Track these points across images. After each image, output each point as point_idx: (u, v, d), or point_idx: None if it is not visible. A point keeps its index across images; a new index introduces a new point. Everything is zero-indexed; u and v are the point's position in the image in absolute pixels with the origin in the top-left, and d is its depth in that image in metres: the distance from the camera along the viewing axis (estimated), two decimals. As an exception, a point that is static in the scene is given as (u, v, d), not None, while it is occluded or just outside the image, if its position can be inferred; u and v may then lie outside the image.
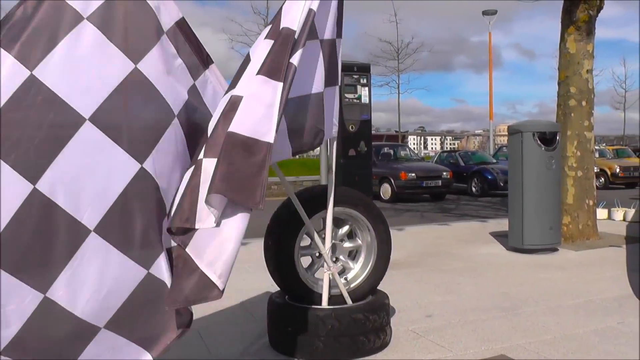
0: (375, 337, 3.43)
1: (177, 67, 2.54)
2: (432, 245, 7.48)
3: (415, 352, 3.49)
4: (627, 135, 48.15)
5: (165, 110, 2.43)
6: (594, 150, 8.29)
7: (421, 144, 61.23)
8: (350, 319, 3.32)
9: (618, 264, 6.21)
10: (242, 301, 4.56)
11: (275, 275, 3.56)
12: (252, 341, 3.70)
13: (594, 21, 7.73)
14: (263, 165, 2.41)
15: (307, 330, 3.28)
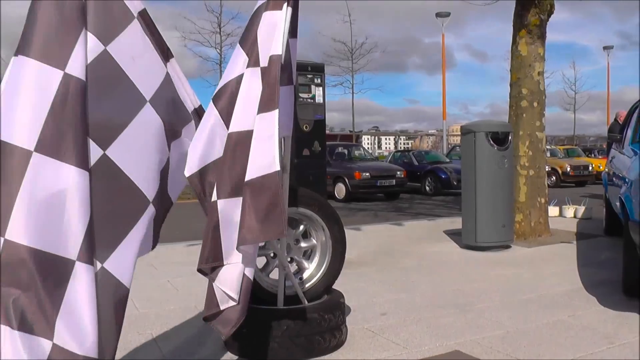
0: (331, 337, 3.44)
1: (149, 52, 2.51)
2: (386, 244, 7.53)
3: (371, 350, 3.52)
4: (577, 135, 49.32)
5: (135, 96, 2.40)
6: (545, 149, 8.46)
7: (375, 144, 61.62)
8: (306, 319, 3.33)
9: (569, 259, 6.36)
10: (196, 303, 4.51)
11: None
12: (207, 344, 3.68)
13: (545, 25, 7.91)
14: (278, 195, 2.55)
15: (262, 331, 3.27)
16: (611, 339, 3.69)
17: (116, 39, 2.35)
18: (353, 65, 32.15)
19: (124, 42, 2.37)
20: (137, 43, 2.44)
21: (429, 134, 69.80)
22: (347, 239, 3.83)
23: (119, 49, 2.35)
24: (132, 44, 2.42)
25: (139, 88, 2.41)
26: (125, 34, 2.39)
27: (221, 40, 27.12)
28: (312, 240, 3.74)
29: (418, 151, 22.55)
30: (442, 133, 33.86)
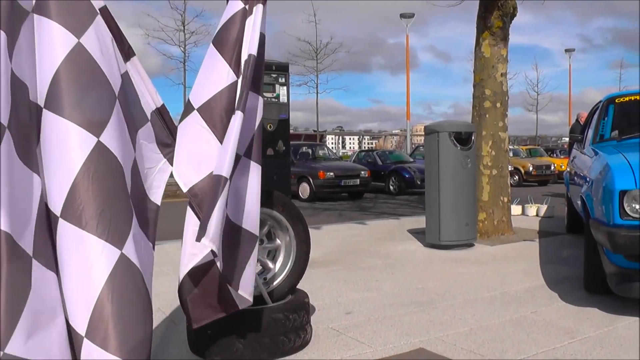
0: (296, 337, 3.43)
1: (111, 48, 2.47)
2: (350, 243, 7.55)
3: (336, 349, 3.52)
4: (540, 135, 50.10)
5: (109, 90, 2.36)
6: (508, 149, 8.56)
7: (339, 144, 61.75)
8: (270, 319, 3.32)
9: (531, 257, 6.45)
10: (160, 305, 4.47)
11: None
12: (172, 346, 3.64)
13: (508, 27, 8.01)
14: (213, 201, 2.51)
15: (227, 333, 3.25)
16: (572, 334, 3.76)
17: (86, 32, 2.31)
18: (318, 65, 32.23)
19: (93, 36, 2.34)
20: (102, 39, 2.41)
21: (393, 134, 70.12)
22: (311, 239, 3.82)
23: (90, 42, 2.31)
24: (99, 39, 2.38)
25: (111, 83, 2.37)
26: (93, 29, 2.35)
27: (185, 39, 26.92)
28: (277, 240, 3.72)
29: (382, 151, 22.64)
30: (406, 133, 34.03)
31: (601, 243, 4.22)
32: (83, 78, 2.25)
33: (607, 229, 4.02)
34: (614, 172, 4.13)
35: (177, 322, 4.02)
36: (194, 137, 2.80)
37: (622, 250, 3.97)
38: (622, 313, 4.18)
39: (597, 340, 3.65)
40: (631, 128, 6.14)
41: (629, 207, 3.93)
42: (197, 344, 3.40)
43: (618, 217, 3.95)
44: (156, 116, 2.72)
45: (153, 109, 2.71)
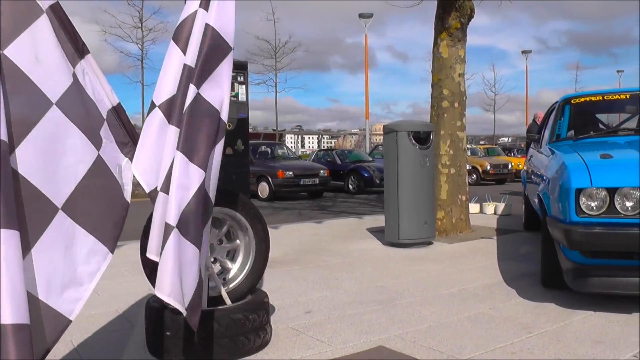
0: (256, 337, 3.40)
1: (56, 51, 2.38)
2: (310, 242, 7.53)
3: (296, 348, 3.50)
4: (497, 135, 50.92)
5: (39, 100, 2.27)
6: (466, 148, 8.65)
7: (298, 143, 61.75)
8: (230, 320, 3.28)
9: (489, 254, 6.52)
10: (118, 307, 4.39)
11: (152, 278, 3.44)
12: (130, 348, 3.57)
13: (466, 28, 8.10)
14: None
15: (186, 334, 3.20)
16: (530, 329, 3.80)
17: (16, 40, 2.22)
18: (276, 63, 32.15)
19: (26, 42, 2.24)
20: (43, 41, 2.31)
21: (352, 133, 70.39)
22: (270, 238, 3.80)
23: (19, 51, 2.22)
24: (37, 42, 2.28)
25: (43, 90, 2.28)
26: (29, 33, 2.26)
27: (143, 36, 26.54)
28: (236, 240, 3.69)
29: (341, 150, 22.68)
30: (365, 132, 34.22)
31: (558, 240, 4.29)
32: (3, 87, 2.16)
33: (564, 226, 4.09)
34: (570, 171, 4.19)
35: (135, 323, 3.95)
36: (155, 135, 2.78)
37: (578, 247, 4.04)
38: (578, 308, 4.26)
39: (554, 334, 3.70)
40: (586, 128, 6.28)
41: (584, 205, 4.00)
42: (155, 346, 3.35)
43: (574, 215, 4.02)
44: (112, 115, 2.66)
45: (109, 107, 2.65)
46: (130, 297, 4.66)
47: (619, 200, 3.95)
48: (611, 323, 3.91)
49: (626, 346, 3.48)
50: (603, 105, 6.81)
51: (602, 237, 3.93)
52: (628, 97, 6.48)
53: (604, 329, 3.80)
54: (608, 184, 3.96)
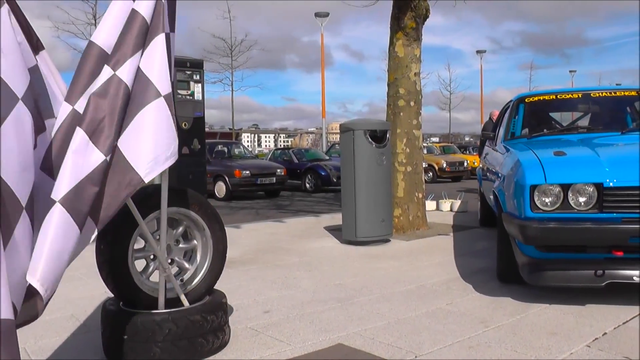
0: (214, 338, 3.37)
1: (17, 45, 2.30)
2: (267, 241, 7.50)
3: (255, 349, 3.47)
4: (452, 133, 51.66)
5: (7, 94, 2.19)
6: (422, 147, 8.72)
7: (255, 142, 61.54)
8: (188, 321, 3.24)
9: (446, 250, 6.59)
10: (74, 311, 4.30)
11: (108, 281, 3.37)
12: (86, 353, 3.49)
13: (421, 28, 8.17)
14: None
15: (143, 337, 3.14)
16: (487, 323, 3.86)
17: None
18: (233, 62, 31.96)
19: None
20: (5, 34, 2.24)
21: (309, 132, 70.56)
22: (228, 238, 3.76)
23: None
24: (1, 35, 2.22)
25: (10, 86, 2.21)
26: None
27: (97, 33, 26.07)
28: (193, 240, 3.64)
29: (298, 149, 22.69)
30: (322, 131, 34.30)
31: (513, 235, 4.36)
32: None
33: (519, 222, 4.16)
34: (524, 168, 4.26)
35: (91, 328, 3.87)
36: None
37: (533, 242, 4.12)
38: (534, 301, 4.33)
39: (510, 327, 3.76)
40: (540, 126, 6.41)
41: (539, 201, 4.08)
42: (112, 351, 3.28)
43: (529, 210, 4.08)
44: None
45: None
46: (86, 301, 4.57)
47: (572, 196, 4.03)
48: (566, 315, 4.00)
49: (580, 336, 3.57)
50: (556, 104, 6.96)
51: (556, 232, 4.01)
52: (580, 96, 6.64)
53: (558, 321, 3.88)
54: (562, 181, 4.04)
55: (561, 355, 3.27)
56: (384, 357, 3.29)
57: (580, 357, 3.25)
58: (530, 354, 3.30)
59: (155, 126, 2.75)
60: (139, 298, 3.32)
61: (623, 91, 6.53)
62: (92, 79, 2.64)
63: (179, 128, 5.11)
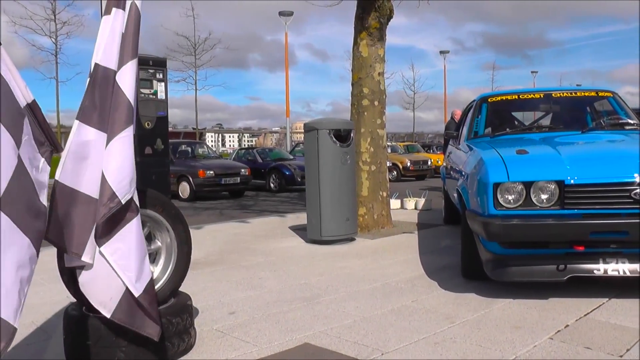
0: (180, 341, 3.33)
1: None
2: (232, 242, 7.46)
3: (221, 351, 3.45)
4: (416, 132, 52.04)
5: None
6: (386, 146, 8.75)
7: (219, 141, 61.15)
8: (152, 324, 3.19)
9: (410, 248, 6.63)
10: (34, 318, 4.19)
11: (70, 285, 3.29)
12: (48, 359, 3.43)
13: (385, 28, 8.22)
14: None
15: (107, 342, 3.09)
16: (452, 319, 3.90)
17: None
18: (196, 60, 31.73)
19: None
20: None
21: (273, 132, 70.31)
22: (192, 239, 3.72)
23: None
24: None
25: None
26: None
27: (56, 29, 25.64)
28: (157, 242, 3.59)
29: (262, 149, 22.64)
30: (286, 130, 34.25)
31: (477, 232, 4.41)
32: None
33: (483, 219, 4.21)
34: (488, 167, 4.31)
35: (53, 335, 3.79)
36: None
37: (496, 238, 4.17)
38: (498, 296, 4.39)
39: (475, 323, 3.81)
40: (503, 125, 6.49)
41: (502, 198, 4.13)
42: (75, 356, 3.22)
43: (492, 208, 4.14)
44: (27, 112, 2.54)
45: (24, 104, 2.52)
46: (47, 307, 4.46)
47: (534, 193, 4.11)
48: (529, 309, 4.07)
49: (543, 329, 3.64)
50: (518, 103, 7.07)
51: (519, 229, 4.07)
52: (542, 96, 6.75)
53: (522, 315, 3.94)
54: (524, 178, 4.11)
55: (525, 349, 3.32)
56: (351, 356, 3.29)
57: (544, 349, 3.31)
58: (495, 348, 3.35)
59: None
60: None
61: (583, 92, 6.68)
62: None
63: (142, 128, 5.07)
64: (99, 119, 2.86)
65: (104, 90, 2.87)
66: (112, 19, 2.91)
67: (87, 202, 2.81)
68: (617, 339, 3.45)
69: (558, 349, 3.30)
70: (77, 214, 2.80)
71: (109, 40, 2.89)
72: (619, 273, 4.09)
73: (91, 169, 2.83)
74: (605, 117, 6.18)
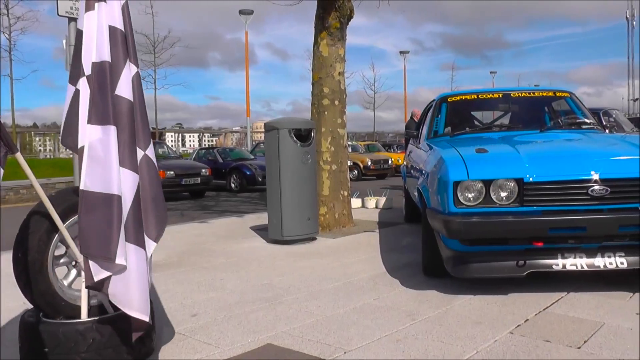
0: (141, 345, 3.27)
1: None
2: (193, 243, 7.40)
3: (183, 353, 3.41)
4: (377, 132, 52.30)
5: None
6: (347, 145, 8.78)
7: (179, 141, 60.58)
8: (113, 329, 3.13)
9: (372, 247, 6.66)
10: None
11: (27, 291, 3.20)
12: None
13: (345, 28, 8.25)
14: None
15: (66, 348, 3.02)
16: (413, 316, 3.93)
17: None
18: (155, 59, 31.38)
19: None
20: None
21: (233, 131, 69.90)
22: (153, 241, 3.67)
23: None
24: None
25: None
26: None
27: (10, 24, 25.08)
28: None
29: (222, 148, 22.49)
30: (246, 130, 34.12)
31: (438, 230, 4.44)
32: None
33: (443, 217, 4.24)
34: (448, 165, 4.35)
35: (8, 342, 3.67)
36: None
37: (457, 236, 4.21)
38: (459, 293, 4.46)
39: (437, 319, 3.85)
40: (462, 124, 6.56)
41: (462, 196, 4.18)
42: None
43: (453, 206, 4.18)
44: None
45: None
46: (2, 314, 4.36)
47: (494, 191, 4.17)
48: (490, 304, 4.13)
49: (503, 324, 3.70)
50: (478, 103, 7.16)
51: (479, 226, 4.12)
52: (501, 96, 6.85)
53: (483, 311, 4.00)
54: (484, 177, 4.16)
55: (486, 343, 3.37)
56: (314, 355, 3.29)
57: (504, 343, 3.36)
58: (456, 343, 3.38)
59: None
60: (61, 308, 3.19)
61: (541, 92, 6.80)
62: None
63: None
64: (102, 114, 2.80)
65: (102, 83, 2.81)
66: (96, 14, 2.86)
67: (109, 202, 2.78)
68: (575, 331, 3.53)
69: (518, 343, 3.36)
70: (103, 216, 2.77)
71: (99, 36, 2.83)
72: (577, 267, 4.17)
73: (105, 166, 2.78)
74: (562, 117, 6.30)
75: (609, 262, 4.17)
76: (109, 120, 2.79)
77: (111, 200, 2.74)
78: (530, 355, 3.19)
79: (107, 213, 2.75)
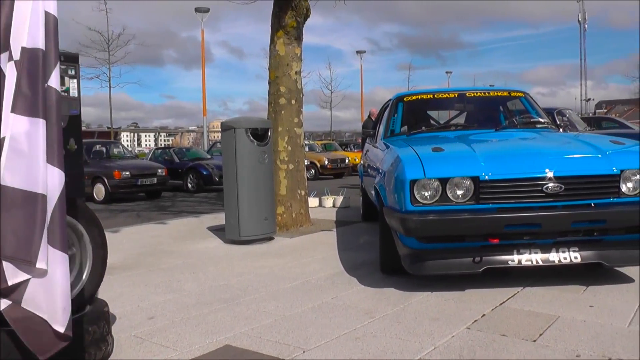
0: (96, 350, 3.22)
1: None
2: (149, 244, 7.32)
3: (140, 357, 3.37)
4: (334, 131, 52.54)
5: None
6: (304, 144, 8.80)
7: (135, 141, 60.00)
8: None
9: (330, 246, 6.68)
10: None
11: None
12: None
13: (302, 27, 8.25)
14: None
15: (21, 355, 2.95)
16: (372, 314, 3.96)
17: None
18: (110, 57, 30.85)
19: None
20: None
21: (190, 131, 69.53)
22: (108, 243, 3.62)
23: None
24: None
25: None
26: None
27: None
28: (72, 247, 3.48)
29: (179, 148, 22.34)
30: (203, 129, 33.89)
31: (395, 228, 4.47)
32: None
33: (400, 215, 4.28)
34: (404, 164, 4.39)
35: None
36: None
37: (414, 233, 4.24)
38: (416, 290, 4.50)
39: (395, 316, 3.89)
40: (419, 124, 6.63)
41: (418, 195, 4.22)
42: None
43: (409, 204, 4.21)
44: None
45: None
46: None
47: (450, 189, 4.21)
48: (447, 301, 4.18)
49: (461, 320, 3.76)
50: (434, 103, 7.24)
51: (436, 224, 4.16)
52: (456, 95, 6.94)
53: (440, 307, 4.05)
54: (440, 175, 4.20)
55: (443, 339, 3.41)
56: (272, 355, 3.29)
57: (461, 338, 3.41)
58: (414, 340, 3.42)
59: None
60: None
61: (496, 92, 6.92)
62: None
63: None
64: (31, 106, 2.64)
65: (34, 73, 2.67)
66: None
67: (32, 200, 2.53)
68: (531, 324, 3.61)
69: (475, 338, 3.41)
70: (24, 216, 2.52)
71: (32, 21, 2.68)
72: (532, 263, 4.26)
73: (30, 162, 2.54)
74: (517, 116, 6.41)
75: (564, 257, 4.26)
76: (38, 113, 2.54)
77: (35, 199, 2.51)
78: (487, 349, 3.23)
79: (29, 212, 2.50)
